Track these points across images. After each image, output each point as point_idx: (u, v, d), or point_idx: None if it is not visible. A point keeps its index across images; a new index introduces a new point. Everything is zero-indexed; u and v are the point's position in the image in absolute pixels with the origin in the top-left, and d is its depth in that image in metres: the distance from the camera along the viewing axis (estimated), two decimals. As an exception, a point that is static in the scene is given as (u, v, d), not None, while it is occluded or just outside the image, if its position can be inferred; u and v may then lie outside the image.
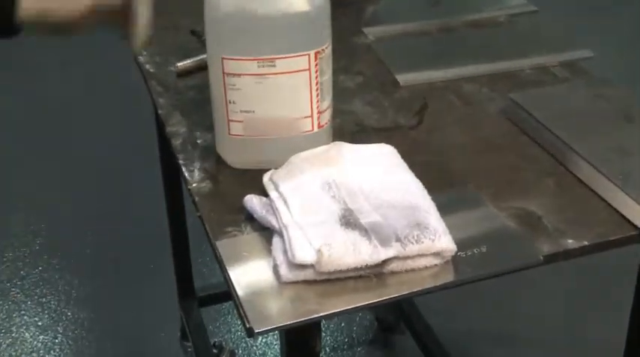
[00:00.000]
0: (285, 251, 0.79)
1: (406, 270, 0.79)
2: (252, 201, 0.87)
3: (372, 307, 1.83)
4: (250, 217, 0.87)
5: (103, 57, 3.26)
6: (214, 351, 1.90)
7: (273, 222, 0.83)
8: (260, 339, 2.00)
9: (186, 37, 1.29)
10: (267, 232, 0.85)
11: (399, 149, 0.94)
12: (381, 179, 0.88)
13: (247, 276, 0.80)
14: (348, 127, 1.06)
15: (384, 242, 0.78)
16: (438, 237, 0.79)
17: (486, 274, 0.81)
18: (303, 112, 0.94)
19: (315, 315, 0.76)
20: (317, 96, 0.93)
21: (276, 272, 0.79)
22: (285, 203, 0.84)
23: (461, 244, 0.81)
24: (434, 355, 1.76)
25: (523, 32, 1.32)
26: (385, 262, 0.78)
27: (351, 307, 0.77)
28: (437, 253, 0.79)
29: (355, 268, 0.78)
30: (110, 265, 2.26)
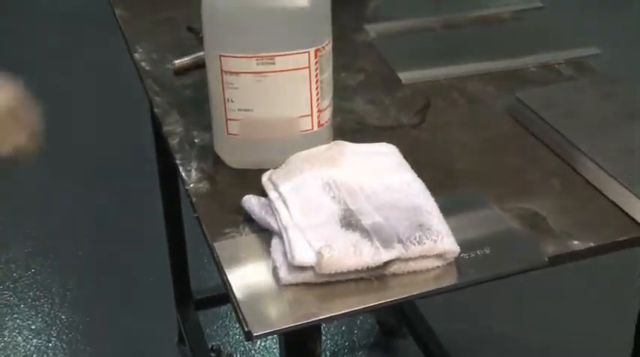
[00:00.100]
0: (284, 253, 0.79)
1: (408, 272, 0.80)
2: (251, 201, 0.87)
3: (374, 310, 1.84)
4: (249, 218, 0.87)
5: (99, 53, 3.28)
6: (212, 355, 1.90)
7: (273, 223, 0.84)
8: (259, 343, 2.01)
9: (183, 33, 1.29)
10: (266, 233, 0.85)
11: (401, 149, 0.95)
12: (382, 179, 0.88)
13: (246, 278, 0.80)
14: (349, 126, 1.06)
15: (386, 243, 0.78)
16: (440, 238, 0.79)
17: (490, 277, 0.81)
18: (302, 111, 0.94)
19: (315, 318, 0.76)
20: (317, 94, 0.94)
21: (275, 274, 0.79)
22: (285, 204, 0.85)
23: (464, 245, 0.81)
24: (437, 359, 1.76)
25: (529, 29, 1.32)
26: (387, 263, 0.78)
27: (351, 309, 0.78)
28: (439, 255, 0.80)
29: (356, 270, 0.78)
30: (105, 267, 2.26)
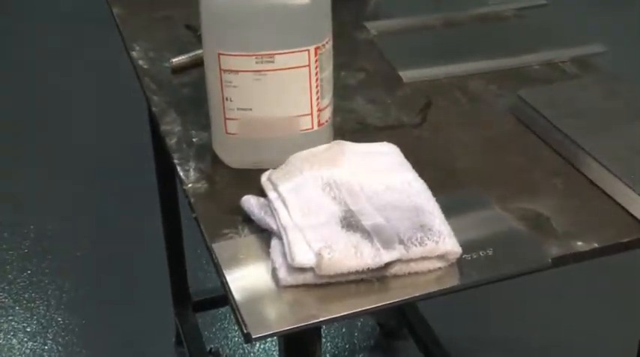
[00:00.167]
0: (284, 254, 0.80)
1: (409, 273, 0.80)
2: (250, 202, 0.88)
3: (374, 312, 1.84)
4: (248, 219, 0.87)
5: (98, 52, 3.28)
6: (210, 358, 1.90)
7: (272, 224, 0.84)
8: (258, 345, 2.01)
9: (181, 31, 1.30)
10: (265, 234, 0.85)
11: (402, 148, 0.95)
12: (383, 179, 0.88)
13: (245, 280, 0.81)
14: (349, 126, 1.06)
15: (387, 245, 0.78)
16: (442, 239, 0.79)
17: (493, 278, 0.81)
18: (302, 110, 0.94)
19: (315, 320, 0.76)
20: (317, 93, 0.94)
21: (274, 276, 0.80)
22: (284, 204, 0.85)
23: (466, 246, 0.81)
24: (438, 362, 1.77)
25: (532, 26, 1.32)
26: (388, 265, 0.78)
27: (352, 311, 0.78)
28: (441, 256, 0.80)
29: (357, 272, 0.78)
30: (102, 268, 2.27)
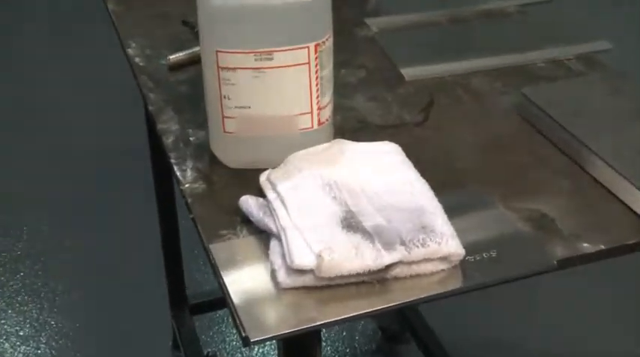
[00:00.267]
0: (283, 255, 0.80)
1: (411, 275, 0.80)
2: (249, 202, 0.88)
3: (375, 315, 1.84)
4: (246, 220, 0.88)
5: (91, 49, 3.28)
6: (208, 362, 1.90)
7: (271, 224, 0.84)
8: (256, 349, 2.01)
9: (178, 27, 1.30)
10: (264, 235, 0.85)
11: (404, 147, 0.95)
12: (384, 179, 0.89)
13: (243, 282, 0.81)
14: (350, 124, 1.06)
15: (388, 246, 0.79)
16: (445, 240, 0.80)
17: (496, 280, 0.81)
18: (302, 109, 0.94)
19: (315, 323, 0.76)
20: (317, 91, 0.94)
21: (273, 278, 0.80)
22: (284, 204, 0.85)
23: (469, 248, 0.81)
24: (441, 366, 1.77)
25: (536, 23, 1.33)
26: (389, 267, 0.79)
27: (352, 314, 0.78)
28: (444, 258, 0.80)
29: (357, 274, 0.78)
30: (96, 270, 2.27)
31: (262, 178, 0.91)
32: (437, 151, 1.01)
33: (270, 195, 0.87)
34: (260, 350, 2.01)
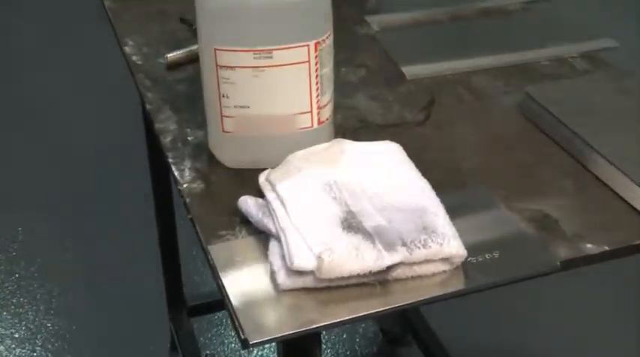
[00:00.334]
0: (282, 256, 0.80)
1: (413, 277, 0.80)
2: (248, 202, 0.88)
3: (376, 317, 1.84)
4: (245, 220, 0.88)
5: (87, 46, 3.28)
6: (206, 364, 1.91)
7: (270, 225, 0.84)
8: (255, 351, 2.01)
9: (176, 25, 1.30)
10: (263, 236, 0.85)
11: (405, 147, 0.95)
12: (385, 179, 0.89)
13: (242, 283, 0.81)
14: (351, 124, 1.07)
15: (389, 247, 0.79)
16: (446, 241, 0.80)
17: (499, 282, 0.81)
18: (302, 108, 0.95)
19: (315, 325, 0.76)
20: (317, 90, 0.94)
21: (273, 279, 0.80)
22: (283, 205, 0.85)
23: (471, 249, 0.81)
24: (443, 369, 1.77)
25: (539, 20, 1.33)
26: (390, 268, 0.79)
27: (353, 316, 0.78)
28: (446, 259, 0.80)
29: (358, 275, 0.78)
30: (93, 271, 2.27)
31: (261, 178, 0.91)
32: (438, 151, 1.01)
33: (269, 195, 0.87)
34: (259, 353, 2.01)
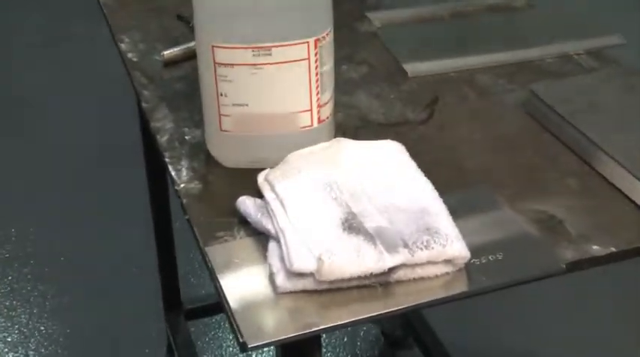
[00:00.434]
0: (282, 258, 0.80)
1: (415, 279, 0.80)
2: (246, 203, 0.88)
3: (378, 320, 1.84)
4: (244, 221, 0.88)
5: (82, 43, 3.28)
6: (203, 369, 1.91)
7: (269, 226, 0.84)
8: (254, 355, 2.01)
9: (173, 21, 1.30)
10: (262, 237, 0.85)
11: (407, 146, 0.95)
12: (387, 180, 0.89)
13: (240, 285, 0.81)
14: (351, 122, 1.07)
15: (391, 248, 0.79)
16: (449, 243, 0.80)
17: (503, 284, 0.82)
18: (301, 106, 0.95)
19: (315, 328, 0.77)
20: (317, 88, 0.94)
21: (272, 281, 0.80)
22: (282, 205, 0.85)
23: (475, 250, 0.81)
24: (446, 373, 1.77)
25: (544, 16, 1.33)
26: (392, 270, 0.79)
27: (354, 319, 0.78)
28: (448, 261, 0.80)
29: (359, 277, 0.78)
30: (88, 274, 2.27)
31: (260, 178, 0.91)
32: (441, 150, 1.01)
33: (268, 195, 0.88)
34: (258, 356, 2.02)
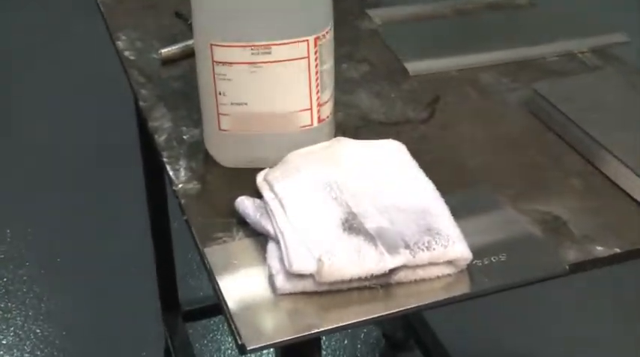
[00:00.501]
0: (281, 259, 0.80)
1: (416, 280, 0.80)
2: (245, 203, 0.88)
3: (379, 322, 1.85)
4: (242, 222, 0.88)
5: (79, 41, 3.28)
6: (201, 372, 1.91)
7: (268, 227, 0.84)
8: (253, 358, 2.01)
9: (171, 19, 1.30)
10: (261, 237, 0.85)
11: (408, 146, 0.95)
12: (387, 179, 0.89)
13: (239, 287, 0.81)
14: (352, 122, 1.07)
15: (392, 249, 0.79)
16: (451, 243, 0.80)
17: (506, 285, 0.82)
18: (301, 105, 0.95)
19: (315, 330, 0.77)
20: (317, 87, 0.94)
21: (271, 283, 0.80)
22: (282, 206, 0.85)
23: (477, 251, 0.82)
24: (448, 376, 1.77)
25: (547, 14, 1.33)
26: (393, 271, 0.79)
27: (354, 321, 0.78)
28: (450, 262, 0.80)
29: (359, 278, 0.78)
30: (84, 275, 2.27)
31: (259, 178, 0.92)
32: (443, 150, 1.02)
33: (267, 196, 0.88)
34: (257, 359, 2.01)
